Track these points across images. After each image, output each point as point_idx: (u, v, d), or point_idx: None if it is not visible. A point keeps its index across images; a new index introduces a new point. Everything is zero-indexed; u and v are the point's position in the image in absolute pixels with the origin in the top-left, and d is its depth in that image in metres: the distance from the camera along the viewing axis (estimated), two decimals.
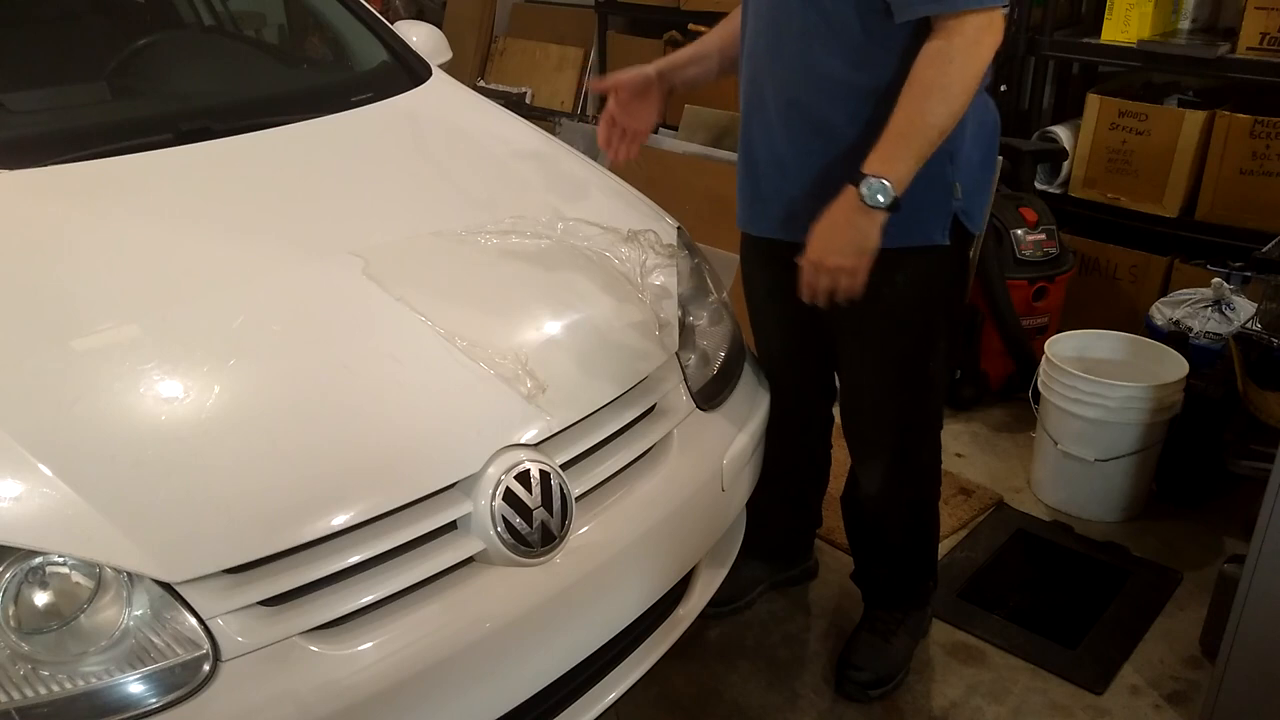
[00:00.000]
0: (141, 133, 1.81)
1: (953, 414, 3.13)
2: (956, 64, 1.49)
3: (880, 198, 1.49)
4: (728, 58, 1.83)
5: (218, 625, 1.21)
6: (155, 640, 1.19)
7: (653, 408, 1.69)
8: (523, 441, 1.46)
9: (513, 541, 1.40)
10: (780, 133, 1.70)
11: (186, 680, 1.18)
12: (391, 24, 2.42)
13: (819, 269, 1.57)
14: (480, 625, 1.38)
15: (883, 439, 1.91)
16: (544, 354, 1.56)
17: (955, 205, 1.67)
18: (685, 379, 1.76)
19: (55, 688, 1.15)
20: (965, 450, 2.96)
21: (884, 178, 1.49)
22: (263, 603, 1.24)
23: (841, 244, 1.54)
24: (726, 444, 1.79)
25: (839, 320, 1.76)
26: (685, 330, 1.81)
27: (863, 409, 1.90)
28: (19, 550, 1.17)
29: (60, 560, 1.20)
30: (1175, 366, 2.57)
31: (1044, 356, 2.65)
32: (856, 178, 1.51)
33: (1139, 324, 2.85)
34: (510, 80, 4.94)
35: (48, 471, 1.21)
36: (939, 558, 2.47)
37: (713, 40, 1.88)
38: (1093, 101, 3.16)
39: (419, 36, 2.42)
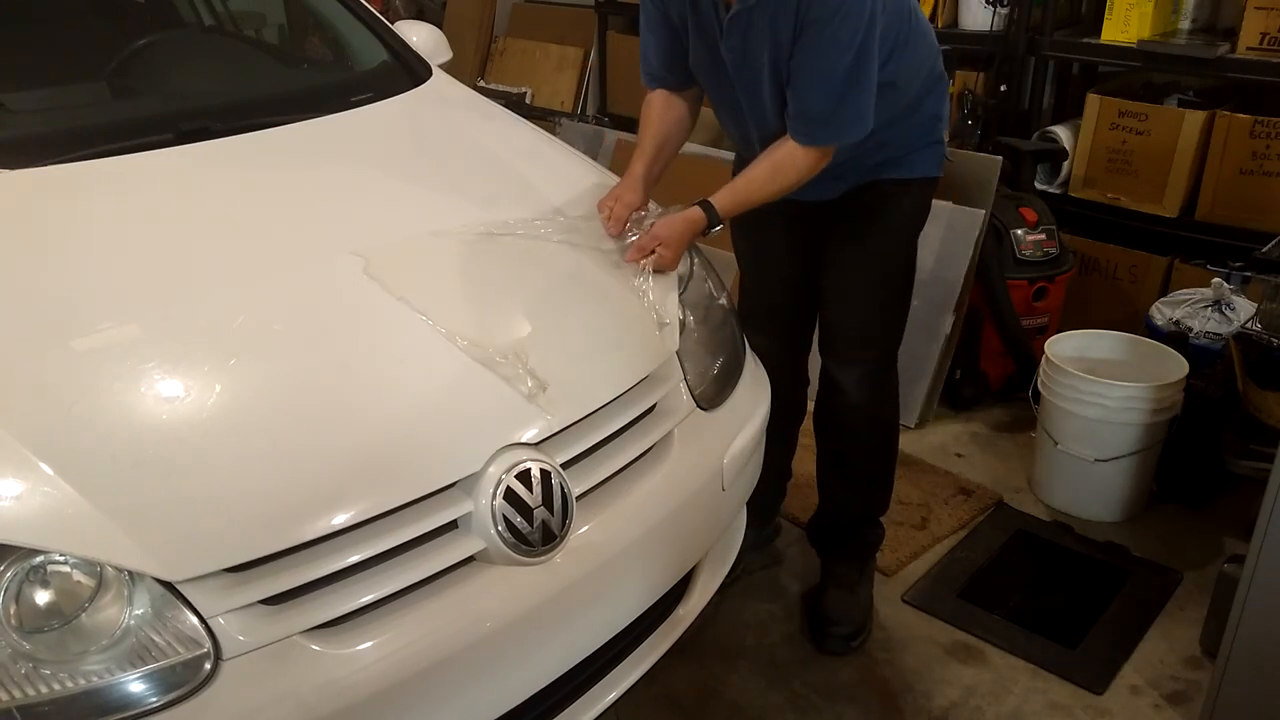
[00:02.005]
0: (141, 133, 1.81)
1: (953, 414, 3.13)
2: (803, 171, 1.84)
3: (715, 229, 1.86)
4: (677, 140, 2.03)
5: (219, 624, 1.21)
6: (156, 639, 1.19)
7: (653, 407, 1.69)
8: (523, 441, 1.46)
9: (513, 541, 1.40)
10: None
11: (187, 679, 1.18)
12: (391, 24, 2.42)
13: (655, 249, 1.80)
14: (480, 625, 1.38)
15: (870, 350, 2.13)
16: (545, 353, 1.56)
17: (943, 149, 2.08)
18: (686, 378, 1.76)
19: (56, 686, 1.14)
20: (965, 450, 2.96)
21: (722, 218, 1.85)
22: (264, 601, 1.24)
23: (678, 246, 1.83)
24: (727, 444, 1.79)
25: (847, 241, 2.05)
26: (686, 330, 1.81)
27: (855, 322, 2.11)
28: (20, 549, 1.17)
29: (61, 559, 1.19)
30: (1175, 366, 2.57)
31: (1044, 356, 2.65)
32: (704, 204, 1.84)
33: (1139, 324, 2.85)
34: (510, 80, 4.94)
35: (49, 470, 1.21)
36: (938, 558, 2.49)
37: (662, 128, 1.99)
38: (1093, 101, 3.16)
39: (419, 36, 2.42)
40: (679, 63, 1.94)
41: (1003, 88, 3.35)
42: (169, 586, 1.20)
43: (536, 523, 1.42)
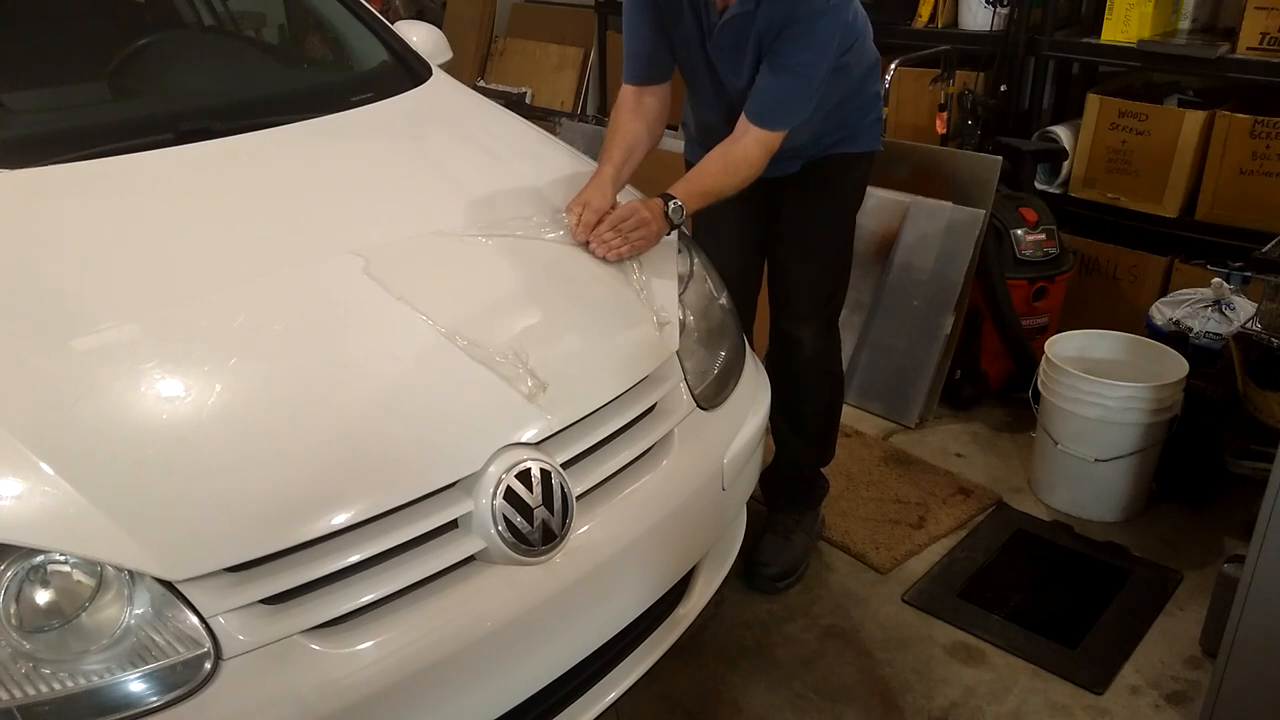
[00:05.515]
0: (142, 132, 1.81)
1: (953, 414, 3.13)
2: (755, 164, 1.98)
3: (677, 219, 1.91)
4: (646, 145, 2.09)
5: (219, 624, 1.21)
6: (156, 639, 1.19)
7: (653, 407, 1.69)
8: (523, 440, 1.46)
9: (513, 540, 1.40)
10: None
11: (188, 679, 1.18)
12: (391, 24, 2.42)
13: (621, 231, 1.82)
14: (480, 624, 1.38)
15: (826, 307, 2.32)
16: (545, 353, 1.56)
17: (882, 125, 2.29)
18: (686, 378, 1.76)
19: (57, 686, 1.15)
20: (965, 450, 2.96)
21: (684, 209, 1.91)
22: (264, 601, 1.24)
23: (646, 233, 1.85)
24: (727, 443, 1.79)
25: (805, 210, 2.22)
26: (686, 330, 1.81)
27: (815, 281, 2.29)
28: (20, 549, 1.17)
29: (62, 559, 1.20)
30: (1175, 366, 2.57)
31: (1044, 356, 2.65)
32: (666, 198, 1.90)
33: (1139, 324, 2.85)
34: (510, 80, 4.94)
35: (49, 470, 1.21)
36: (938, 558, 2.49)
37: (630, 132, 2.05)
38: (1093, 101, 3.16)
39: (419, 36, 2.42)
40: (660, 50, 2.05)
41: (1003, 88, 3.35)
42: (169, 586, 1.20)
43: (536, 522, 1.42)
